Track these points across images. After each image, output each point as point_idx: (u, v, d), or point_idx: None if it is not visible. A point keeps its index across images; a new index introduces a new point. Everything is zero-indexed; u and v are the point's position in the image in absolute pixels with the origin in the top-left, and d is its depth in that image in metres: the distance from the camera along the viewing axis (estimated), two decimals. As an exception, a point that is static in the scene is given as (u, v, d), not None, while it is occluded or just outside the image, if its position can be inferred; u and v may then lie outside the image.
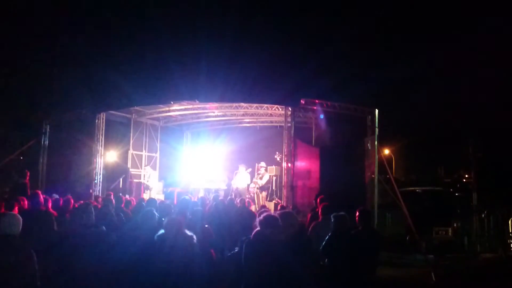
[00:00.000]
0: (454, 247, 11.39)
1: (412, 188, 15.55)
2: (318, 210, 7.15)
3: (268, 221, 4.20)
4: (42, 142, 14.09)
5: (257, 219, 4.32)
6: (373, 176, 11.13)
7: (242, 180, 14.98)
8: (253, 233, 4.24)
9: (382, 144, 11.96)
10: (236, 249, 4.71)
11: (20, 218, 4.14)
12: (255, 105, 15.01)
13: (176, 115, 17.16)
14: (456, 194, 15.18)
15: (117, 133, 15.75)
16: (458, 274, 9.40)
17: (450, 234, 11.65)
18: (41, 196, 7.43)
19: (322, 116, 12.07)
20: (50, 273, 4.28)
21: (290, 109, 12.43)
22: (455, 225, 11.77)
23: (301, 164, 12.08)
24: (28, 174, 10.62)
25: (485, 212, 12.19)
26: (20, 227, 4.07)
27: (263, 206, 10.22)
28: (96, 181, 13.88)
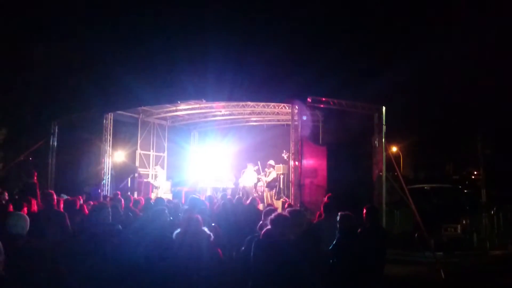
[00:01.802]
0: (463, 244, 11.33)
1: (421, 186, 15.49)
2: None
3: (279, 220, 4.16)
4: (51, 143, 14.15)
5: (268, 219, 4.26)
6: (381, 173, 11.09)
7: (249, 178, 14.98)
8: (262, 233, 4.20)
9: (389, 141, 11.89)
10: (243, 248, 4.69)
11: (27, 218, 4.14)
12: (262, 103, 14.99)
13: (183, 114, 17.20)
14: (465, 191, 15.08)
15: (125, 133, 15.82)
16: (467, 272, 9.35)
17: (459, 231, 11.60)
18: (54, 196, 7.48)
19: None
20: (62, 271, 4.31)
21: (297, 107, 12.40)
22: (464, 222, 11.71)
23: (308, 162, 12.04)
24: (36, 174, 10.66)
25: (494, 208, 12.14)
26: (27, 227, 4.07)
27: (269, 205, 10.22)
28: (104, 181, 13.97)
